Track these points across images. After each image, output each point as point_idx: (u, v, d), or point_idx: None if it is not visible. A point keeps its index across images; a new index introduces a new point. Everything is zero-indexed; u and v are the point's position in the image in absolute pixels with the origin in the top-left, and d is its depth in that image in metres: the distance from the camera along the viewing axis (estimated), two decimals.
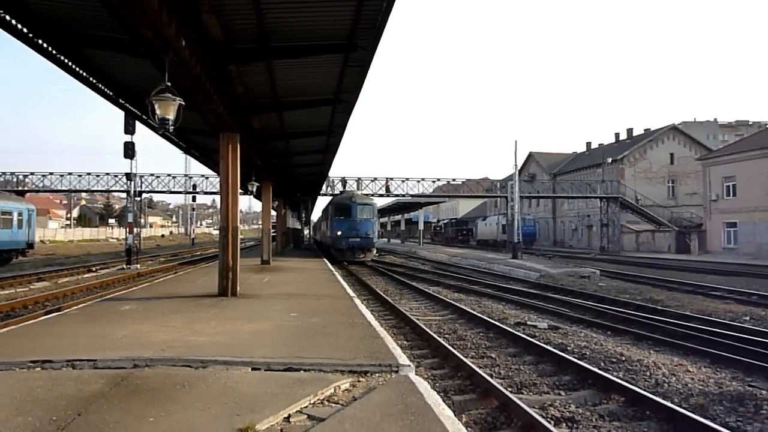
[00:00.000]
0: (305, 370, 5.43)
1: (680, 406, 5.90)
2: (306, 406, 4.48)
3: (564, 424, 5.61)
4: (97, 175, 43.34)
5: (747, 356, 8.20)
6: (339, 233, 28.21)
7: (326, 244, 33.20)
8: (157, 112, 7.32)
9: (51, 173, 43.28)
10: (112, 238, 78.51)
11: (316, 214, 61.16)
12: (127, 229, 28.11)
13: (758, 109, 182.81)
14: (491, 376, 7.15)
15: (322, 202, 56.95)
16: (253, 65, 10.49)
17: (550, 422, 5.45)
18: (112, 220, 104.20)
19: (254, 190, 23.37)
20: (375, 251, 30.46)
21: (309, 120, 16.00)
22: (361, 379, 5.27)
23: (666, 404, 5.82)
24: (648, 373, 7.39)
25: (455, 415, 4.68)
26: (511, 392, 6.34)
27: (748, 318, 12.25)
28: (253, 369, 5.49)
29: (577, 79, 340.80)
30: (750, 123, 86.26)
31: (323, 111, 14.77)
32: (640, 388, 6.50)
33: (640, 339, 9.97)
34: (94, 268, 25.08)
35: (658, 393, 6.52)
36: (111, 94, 11.59)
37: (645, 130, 58.06)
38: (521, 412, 5.55)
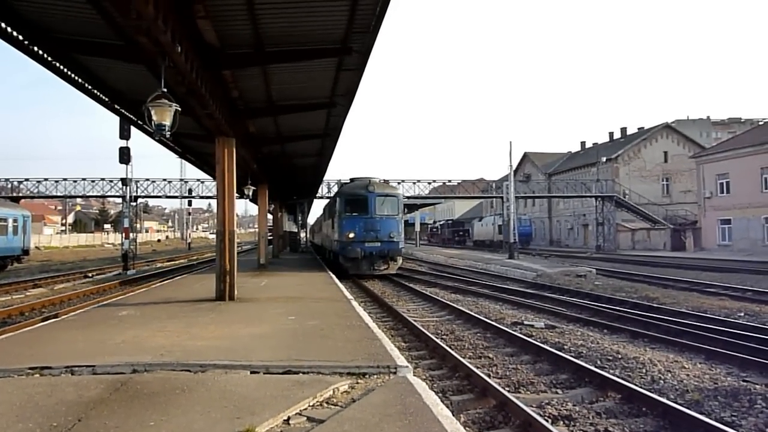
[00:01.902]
0: (304, 373, 5.46)
1: (676, 402, 5.97)
2: (305, 408, 4.52)
3: (561, 422, 5.66)
4: (93, 181, 43.37)
5: (742, 352, 8.29)
6: (351, 236, 20.49)
7: (331, 250, 24.42)
8: (154, 118, 7.37)
9: (46, 179, 43.23)
10: (108, 244, 78.24)
11: (312, 218, 60.86)
12: (123, 235, 28.06)
13: (750, 106, 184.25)
14: (489, 375, 7.20)
15: (318, 205, 56.70)
16: (248, 70, 10.54)
17: (547, 420, 5.50)
18: (107, 226, 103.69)
19: (250, 193, 23.39)
20: (401, 260, 22.88)
21: (304, 123, 16.04)
22: (359, 380, 5.31)
23: (662, 401, 5.88)
24: (644, 371, 7.46)
25: (453, 415, 4.72)
26: (508, 391, 6.38)
27: (742, 314, 12.34)
28: (252, 372, 5.53)
29: (571, 79, 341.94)
30: (742, 120, 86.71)
31: (318, 114, 14.81)
32: (637, 386, 6.56)
33: (636, 337, 10.04)
34: (90, 274, 25.03)
35: (654, 390, 6.58)
36: (106, 99, 11.62)
37: (639, 128, 58.40)
38: (519, 410, 5.60)
